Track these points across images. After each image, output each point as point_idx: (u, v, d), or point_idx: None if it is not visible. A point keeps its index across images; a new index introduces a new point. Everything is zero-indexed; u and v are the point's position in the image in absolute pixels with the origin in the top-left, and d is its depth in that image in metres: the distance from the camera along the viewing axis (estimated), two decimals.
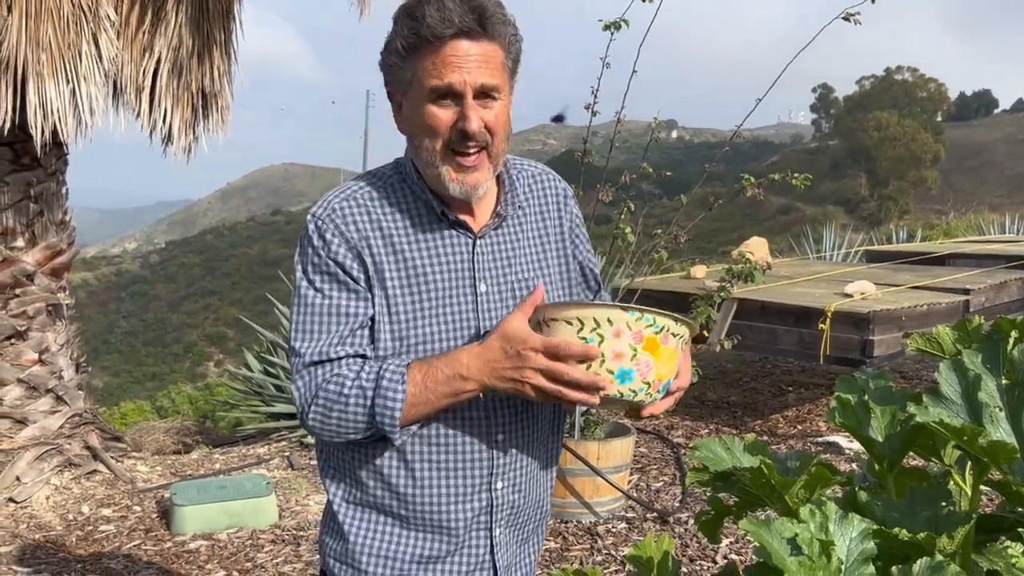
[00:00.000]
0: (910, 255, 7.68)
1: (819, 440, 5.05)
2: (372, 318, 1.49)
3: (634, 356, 1.37)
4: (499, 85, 1.44)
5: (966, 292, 5.53)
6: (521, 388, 1.39)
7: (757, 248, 5.94)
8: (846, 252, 10.13)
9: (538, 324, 1.41)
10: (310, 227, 1.50)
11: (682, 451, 5.03)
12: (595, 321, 1.37)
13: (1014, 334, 1.08)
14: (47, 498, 4.48)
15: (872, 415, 1.21)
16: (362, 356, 1.48)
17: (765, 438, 5.18)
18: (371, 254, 1.48)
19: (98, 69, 4.10)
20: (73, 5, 3.98)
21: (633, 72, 4.10)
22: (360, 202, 1.51)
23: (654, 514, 4.17)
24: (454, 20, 1.38)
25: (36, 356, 4.64)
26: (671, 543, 1.28)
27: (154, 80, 4.45)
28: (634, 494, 4.37)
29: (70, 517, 4.32)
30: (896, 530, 1.00)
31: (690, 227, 4.73)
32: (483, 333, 1.51)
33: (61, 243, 4.80)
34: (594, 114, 4.20)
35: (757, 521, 1.00)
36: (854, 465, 4.52)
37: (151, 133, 4.61)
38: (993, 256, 7.36)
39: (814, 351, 4.91)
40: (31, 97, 3.86)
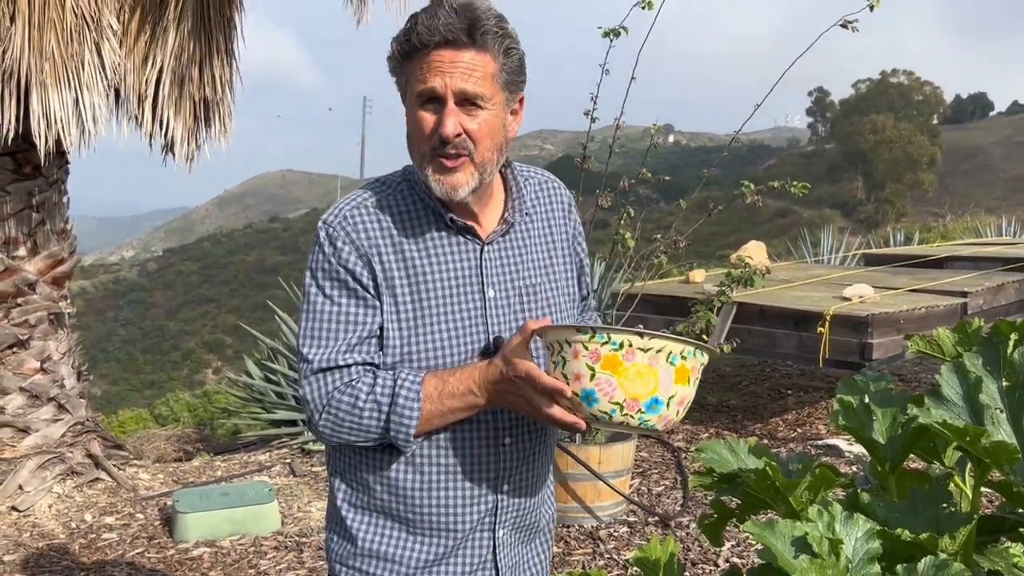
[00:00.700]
0: (908, 258, 7.71)
1: (819, 443, 5.07)
2: (381, 326, 1.51)
3: (592, 376, 1.34)
4: (484, 94, 1.45)
5: (964, 295, 5.56)
6: (519, 410, 1.48)
7: (755, 252, 5.96)
8: (844, 255, 10.16)
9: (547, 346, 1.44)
10: (321, 234, 1.53)
11: (683, 455, 5.05)
12: (558, 344, 1.38)
13: (1014, 336, 1.09)
14: (50, 506, 4.49)
15: (874, 417, 1.23)
16: (371, 364, 1.51)
17: (765, 441, 5.19)
18: (380, 261, 1.50)
19: (101, 78, 4.13)
20: (76, 15, 4.01)
21: (632, 78, 4.13)
22: (370, 210, 1.53)
23: (656, 518, 4.19)
24: (440, 29, 1.41)
25: (38, 365, 4.66)
26: (676, 545, 1.30)
27: (156, 89, 4.47)
28: (636, 498, 4.39)
29: (73, 525, 4.33)
30: (899, 530, 1.02)
31: (689, 232, 4.76)
32: (492, 338, 1.54)
33: (62, 252, 4.81)
34: (593, 120, 4.22)
35: (761, 523, 1.02)
36: (854, 468, 4.53)
37: (153, 141, 4.64)
38: (990, 259, 7.39)
39: (813, 355, 4.93)
40: (34, 106, 3.88)
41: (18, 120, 3.92)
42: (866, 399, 1.24)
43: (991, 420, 1.07)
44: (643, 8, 4.02)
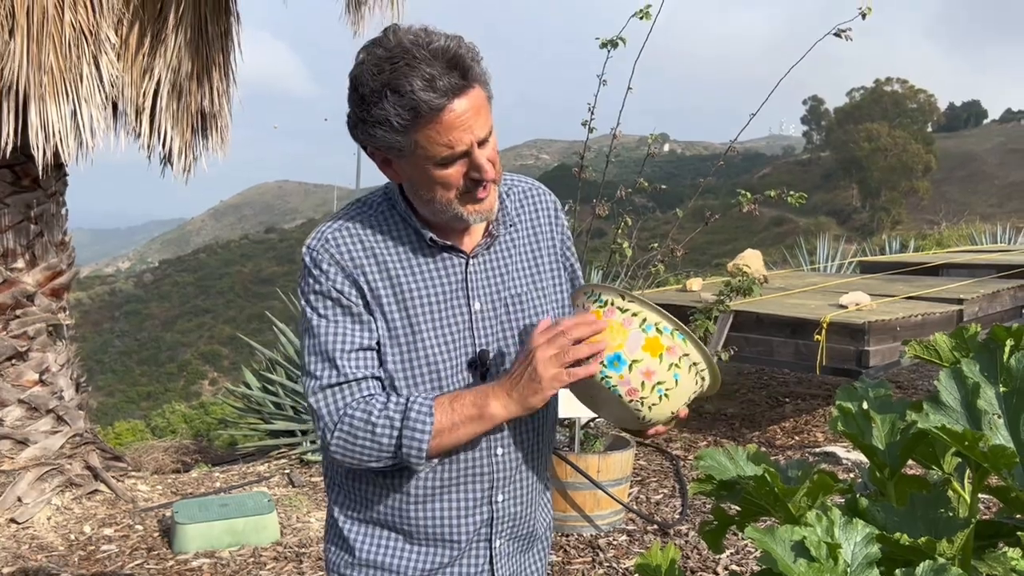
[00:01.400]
0: (903, 265, 7.74)
1: (817, 451, 5.08)
2: (378, 341, 1.52)
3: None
4: (491, 124, 1.46)
5: (960, 302, 5.58)
6: (540, 386, 1.42)
7: (752, 261, 5.98)
8: (840, 263, 10.19)
9: (684, 357, 1.44)
10: (306, 259, 1.54)
11: (681, 463, 5.05)
12: (702, 391, 1.49)
13: (1010, 342, 1.11)
14: (48, 518, 4.48)
15: (873, 424, 1.24)
16: (377, 378, 1.52)
17: (763, 449, 5.20)
18: (366, 280, 1.51)
19: (99, 91, 4.14)
20: (74, 28, 4.02)
21: (628, 88, 4.15)
22: (352, 231, 1.54)
23: (655, 526, 4.19)
24: (441, 86, 1.37)
25: (37, 377, 4.66)
26: (677, 552, 1.31)
27: (154, 101, 4.48)
28: (634, 507, 4.39)
29: (72, 537, 4.32)
30: (898, 535, 1.03)
31: (686, 241, 4.78)
32: (478, 351, 1.55)
33: (61, 264, 4.82)
34: (591, 130, 4.25)
35: (761, 529, 1.03)
36: (852, 475, 4.54)
37: (151, 154, 4.65)
38: (985, 266, 7.42)
39: (810, 362, 4.95)
40: (32, 119, 3.89)
41: (17, 133, 3.93)
42: (865, 406, 1.25)
43: (989, 425, 1.08)
44: (640, 19, 4.04)
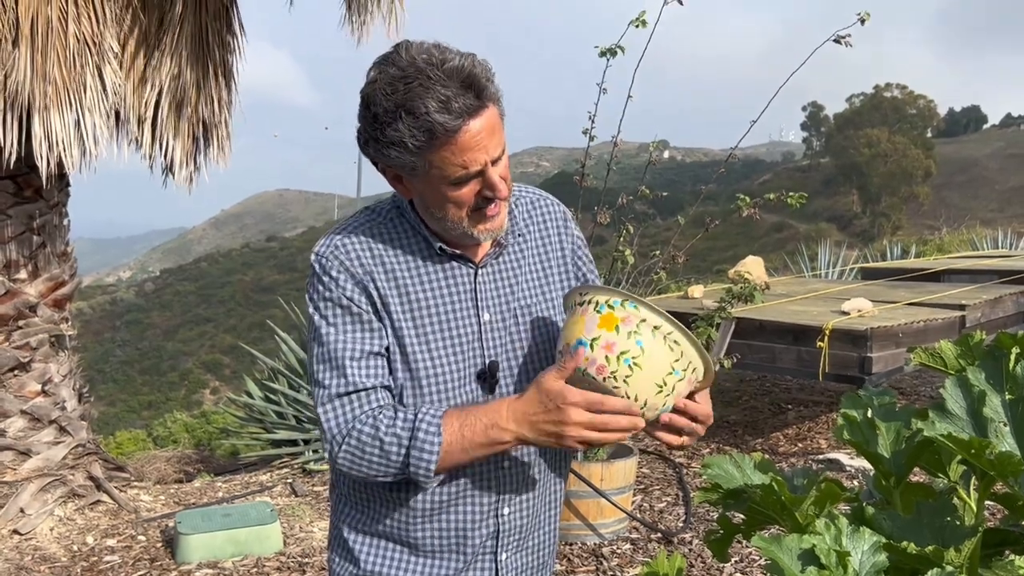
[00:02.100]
0: (905, 271, 7.74)
1: (820, 458, 5.07)
2: (387, 348, 1.51)
3: (682, 395, 1.47)
4: (504, 142, 1.45)
5: (962, 308, 5.58)
6: (561, 440, 1.41)
7: (754, 267, 5.98)
8: (841, 269, 10.18)
9: (642, 324, 1.40)
10: (315, 266, 1.53)
11: (684, 471, 5.05)
12: (688, 362, 1.44)
13: (1015, 350, 1.11)
14: (51, 529, 4.47)
15: (878, 432, 1.24)
16: (387, 387, 1.51)
17: (766, 457, 5.19)
18: (376, 288, 1.50)
19: (102, 100, 4.15)
20: (78, 39, 4.03)
21: (628, 96, 4.16)
22: (362, 238, 1.53)
23: (658, 535, 4.18)
24: (457, 107, 1.36)
25: (39, 387, 4.65)
26: (683, 561, 1.31)
27: (156, 110, 4.49)
28: (638, 515, 4.39)
29: (75, 548, 4.31)
30: (905, 543, 1.03)
31: (687, 247, 4.78)
32: (488, 362, 1.54)
33: (63, 274, 4.82)
34: (592, 139, 4.26)
35: (768, 537, 1.03)
36: (856, 482, 4.53)
37: (153, 163, 4.66)
38: (987, 271, 7.41)
39: (813, 369, 4.94)
40: (36, 129, 3.90)
41: (20, 143, 3.94)
42: (870, 413, 1.25)
43: (995, 433, 1.08)
44: (637, 26, 4.06)
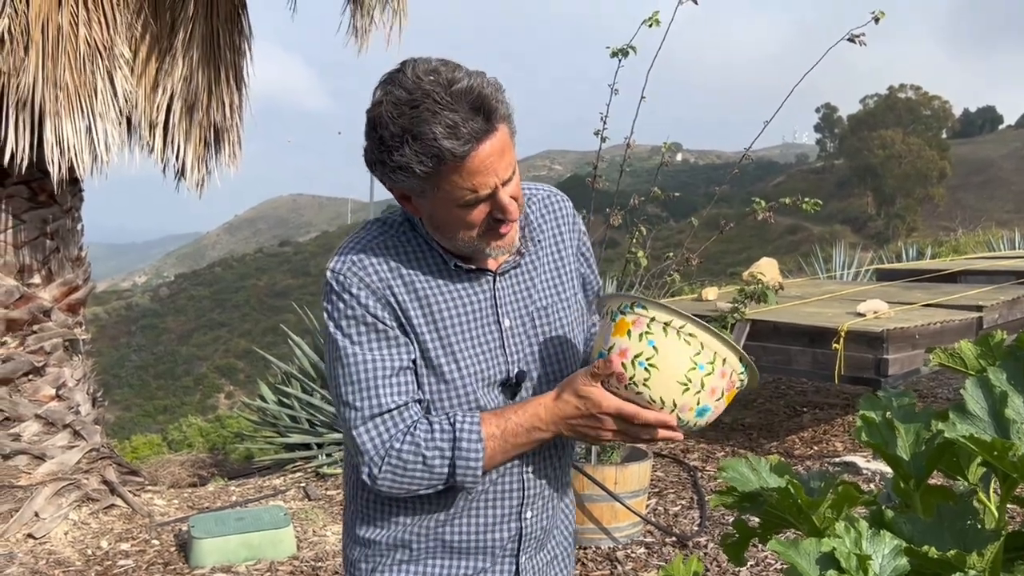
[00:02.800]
0: (920, 273, 7.68)
1: (836, 461, 5.03)
2: (414, 361, 1.49)
3: (719, 399, 1.42)
4: (515, 162, 1.42)
5: (979, 309, 5.52)
6: (599, 441, 1.50)
7: (767, 269, 5.94)
8: (856, 271, 10.12)
9: (652, 323, 1.40)
10: (333, 284, 1.48)
11: (699, 474, 5.01)
12: (713, 355, 1.40)
13: None
14: (66, 533, 4.48)
15: (897, 433, 1.22)
16: (418, 401, 1.49)
17: (783, 459, 5.15)
18: (396, 301, 1.47)
19: (113, 106, 4.16)
20: (89, 44, 4.05)
21: (641, 98, 4.14)
22: (377, 252, 1.50)
23: (673, 538, 4.15)
24: (465, 133, 1.32)
25: (53, 392, 4.67)
26: (700, 564, 1.29)
27: (167, 116, 4.51)
28: (652, 518, 4.36)
29: (89, 552, 4.32)
30: (926, 548, 1.01)
31: (701, 249, 4.75)
32: (515, 372, 1.54)
33: (77, 279, 4.84)
34: (603, 140, 4.24)
35: (786, 541, 1.01)
36: (872, 485, 4.49)
37: (165, 168, 4.67)
38: (1005, 272, 7.35)
39: (828, 371, 4.90)
40: (48, 135, 3.91)
41: (32, 148, 3.96)
42: (888, 415, 1.23)
43: (1018, 434, 1.06)
44: (650, 26, 4.03)
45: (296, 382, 6.23)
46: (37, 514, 4.46)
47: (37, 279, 4.63)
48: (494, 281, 1.55)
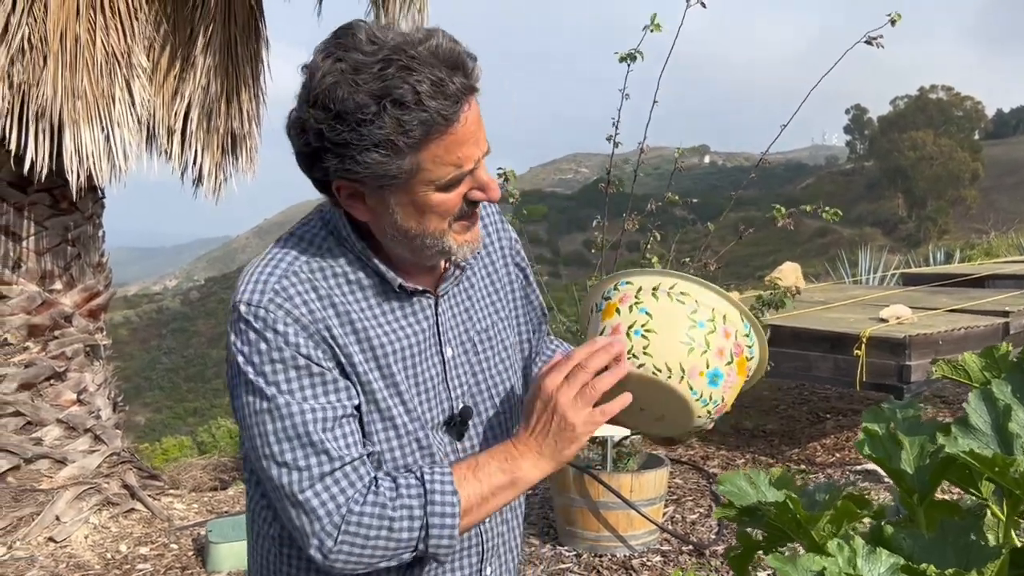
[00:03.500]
0: (947, 277, 7.55)
1: (857, 468, 4.95)
2: (358, 407, 1.26)
3: (729, 363, 1.27)
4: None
5: (1005, 314, 5.41)
6: (574, 436, 1.24)
7: (789, 274, 5.88)
8: (882, 275, 9.99)
9: (641, 291, 1.28)
10: (251, 320, 1.20)
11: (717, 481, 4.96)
12: (712, 311, 1.26)
13: None
14: (86, 537, 4.52)
15: (901, 447, 1.20)
16: (370, 453, 1.27)
17: (803, 467, 5.09)
18: (332, 337, 1.23)
19: (131, 114, 4.21)
20: (107, 53, 4.10)
21: (654, 102, 4.11)
22: (301, 276, 1.24)
23: (690, 547, 4.11)
24: (453, 91, 1.13)
25: (74, 396, 4.72)
26: None
27: (185, 123, 4.55)
28: (669, 526, 4.31)
29: (108, 556, 4.35)
30: (924, 565, 0.98)
31: (721, 253, 4.71)
32: (459, 408, 1.35)
33: (98, 285, 4.89)
34: (616, 145, 4.22)
35: (783, 556, 0.99)
36: (891, 493, 4.42)
37: (183, 174, 4.71)
38: None
39: (850, 377, 4.83)
40: (67, 144, 3.96)
41: (52, 157, 4.00)
42: (893, 428, 1.20)
43: (1021, 449, 1.03)
44: (652, 31, 4.02)
45: None
46: (58, 518, 4.50)
47: (59, 285, 4.69)
48: (436, 305, 1.34)
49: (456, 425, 1.34)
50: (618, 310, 1.29)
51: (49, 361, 4.62)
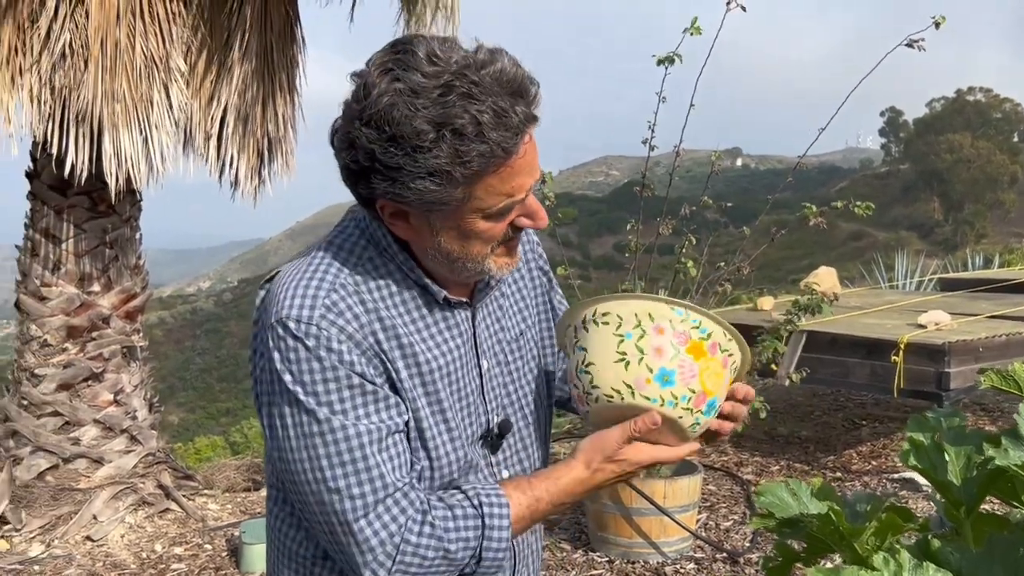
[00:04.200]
0: (987, 282, 7.42)
1: (895, 477, 4.88)
2: (407, 423, 1.23)
3: (675, 356, 1.23)
4: None
5: None
6: (623, 481, 1.33)
7: (825, 278, 5.81)
8: (919, 280, 9.83)
9: (577, 328, 1.29)
10: (305, 339, 1.15)
11: (752, 488, 4.91)
12: (635, 317, 1.24)
13: None
14: (122, 536, 4.58)
15: (947, 457, 1.17)
16: (416, 473, 1.27)
17: (839, 474, 5.02)
18: (382, 352, 1.20)
19: (169, 118, 4.26)
20: (146, 58, 4.15)
21: (691, 106, 4.08)
22: (349, 290, 1.20)
23: (724, 554, 4.07)
24: (515, 123, 1.09)
25: (111, 397, 4.78)
26: None
27: (221, 127, 4.59)
28: (703, 533, 4.27)
29: (144, 556, 4.40)
30: None
31: (755, 257, 4.66)
32: (501, 421, 1.35)
33: (135, 287, 4.95)
34: (652, 148, 4.19)
35: (826, 569, 0.97)
36: (931, 504, 4.34)
37: (220, 177, 4.76)
38: None
39: (887, 384, 4.75)
40: (106, 147, 4.02)
41: (91, 160, 4.06)
42: (938, 438, 1.18)
43: None
44: (691, 35, 3.98)
45: None
46: (95, 517, 4.56)
47: (97, 287, 4.75)
48: (473, 317, 1.32)
49: (493, 439, 1.33)
50: (568, 354, 1.33)
51: (87, 362, 4.68)
